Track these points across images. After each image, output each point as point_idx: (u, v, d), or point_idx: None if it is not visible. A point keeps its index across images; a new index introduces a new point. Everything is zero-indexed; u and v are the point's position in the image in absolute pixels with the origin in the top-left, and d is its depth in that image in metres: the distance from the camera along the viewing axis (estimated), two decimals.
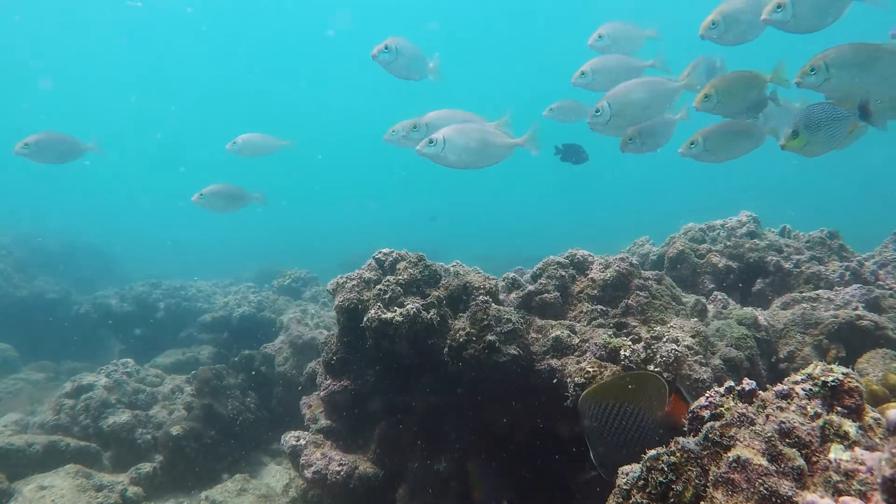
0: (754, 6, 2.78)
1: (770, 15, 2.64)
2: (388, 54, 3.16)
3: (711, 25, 2.84)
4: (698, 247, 3.56)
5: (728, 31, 2.83)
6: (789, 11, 2.63)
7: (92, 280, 9.67)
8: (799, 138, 2.43)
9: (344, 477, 2.80)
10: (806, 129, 2.42)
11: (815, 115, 2.43)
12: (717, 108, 2.84)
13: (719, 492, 1.08)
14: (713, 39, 2.86)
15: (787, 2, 2.62)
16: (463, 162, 2.93)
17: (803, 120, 2.43)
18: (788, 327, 2.72)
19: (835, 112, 2.42)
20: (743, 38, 2.87)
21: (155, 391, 4.63)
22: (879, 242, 3.78)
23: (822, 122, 2.42)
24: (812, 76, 2.54)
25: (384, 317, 2.61)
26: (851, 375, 1.23)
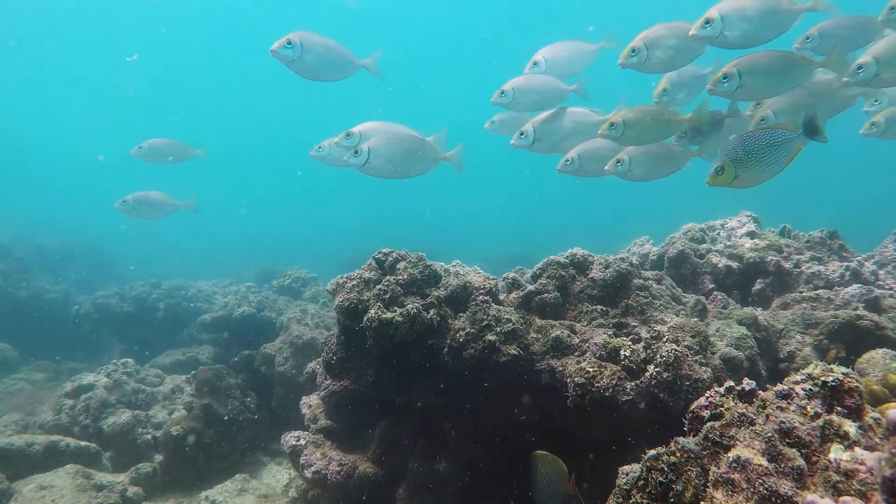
0: (680, 30, 2.70)
1: (699, 31, 2.60)
2: (291, 50, 2.84)
3: (631, 53, 2.74)
4: (698, 247, 3.55)
5: (651, 59, 2.73)
6: (718, 27, 2.58)
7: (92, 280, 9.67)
8: (725, 174, 2.35)
9: (344, 477, 2.80)
10: (733, 163, 2.34)
11: (745, 147, 2.34)
12: (622, 140, 2.81)
13: (719, 492, 1.08)
14: (634, 67, 2.75)
15: (715, 17, 2.57)
16: (388, 172, 2.96)
17: (730, 153, 2.34)
18: (788, 327, 2.72)
19: (771, 138, 2.33)
20: (672, 65, 2.77)
21: (155, 391, 4.63)
22: (879, 242, 3.78)
23: (753, 153, 2.33)
24: (724, 84, 2.55)
25: (384, 317, 2.61)
26: (851, 375, 1.23)
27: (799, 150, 2.32)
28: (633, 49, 2.71)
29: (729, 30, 2.58)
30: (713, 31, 2.58)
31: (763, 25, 2.61)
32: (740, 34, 2.60)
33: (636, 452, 2.02)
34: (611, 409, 2.17)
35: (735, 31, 2.58)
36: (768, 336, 2.65)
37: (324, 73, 2.97)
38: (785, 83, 2.64)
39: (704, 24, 2.59)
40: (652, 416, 2.15)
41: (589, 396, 2.18)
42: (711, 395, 1.33)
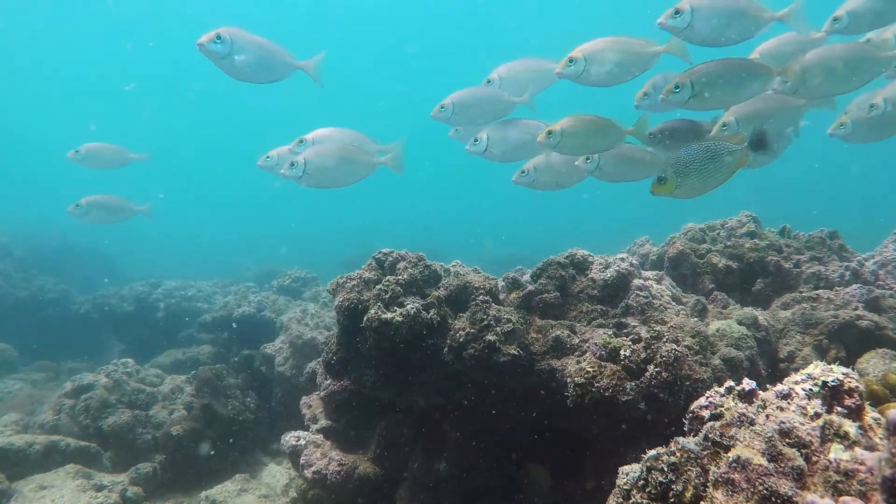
0: (623, 45, 2.68)
1: (667, 20, 2.56)
2: (220, 46, 2.64)
3: (569, 62, 2.67)
4: (698, 247, 3.55)
5: (589, 71, 2.66)
6: (686, 19, 2.54)
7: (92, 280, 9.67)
8: (668, 183, 2.36)
9: (344, 477, 2.80)
10: (675, 174, 2.35)
11: (687, 158, 2.35)
12: (559, 148, 2.79)
13: (719, 492, 1.08)
14: (570, 78, 2.69)
15: (686, 8, 2.53)
16: (326, 182, 2.97)
17: (672, 165, 2.35)
18: (788, 327, 2.72)
19: (714, 150, 2.35)
20: (611, 79, 2.70)
21: (155, 391, 4.63)
22: (879, 242, 3.78)
23: (694, 164, 2.34)
24: (677, 93, 2.51)
25: (384, 317, 2.61)
26: (851, 375, 1.23)
27: (743, 163, 2.34)
28: (570, 59, 2.67)
29: (697, 23, 2.54)
30: (681, 23, 2.55)
31: (731, 25, 2.58)
32: (708, 29, 2.57)
33: (636, 452, 2.02)
34: (611, 409, 2.17)
35: (703, 25, 2.55)
36: (768, 336, 2.65)
37: (255, 75, 2.82)
38: (740, 93, 2.62)
39: (674, 14, 2.56)
40: (652, 416, 2.15)
41: (589, 396, 2.18)
42: (711, 395, 1.33)
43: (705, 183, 2.35)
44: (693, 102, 2.55)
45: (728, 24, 2.57)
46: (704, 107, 2.64)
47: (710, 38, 2.59)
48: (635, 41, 2.67)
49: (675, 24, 2.55)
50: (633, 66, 2.68)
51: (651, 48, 2.67)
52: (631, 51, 2.65)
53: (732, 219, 4.01)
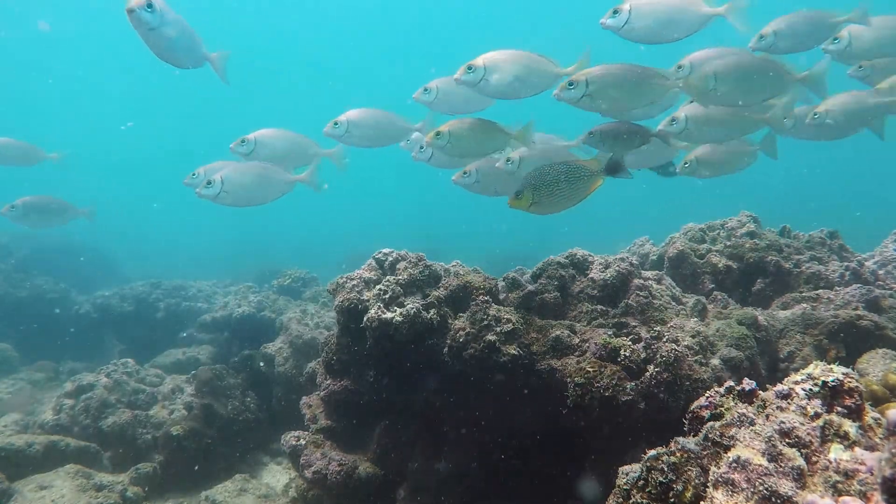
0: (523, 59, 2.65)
1: (607, 20, 2.58)
2: (151, 15, 2.43)
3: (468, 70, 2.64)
4: (698, 247, 3.56)
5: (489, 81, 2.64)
6: (625, 17, 2.56)
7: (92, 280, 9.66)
8: (524, 198, 2.41)
9: (344, 477, 2.80)
10: (532, 190, 2.40)
11: (545, 176, 2.40)
12: (447, 150, 2.82)
13: (719, 492, 1.08)
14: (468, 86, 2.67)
15: (625, 7, 2.54)
16: (243, 201, 2.96)
17: (530, 181, 2.41)
18: (788, 327, 2.72)
19: (571, 171, 2.41)
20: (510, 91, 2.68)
21: (155, 391, 4.63)
22: (879, 242, 3.78)
23: (551, 182, 2.40)
24: (571, 90, 2.52)
25: (384, 317, 2.61)
26: (851, 375, 1.23)
27: (598, 186, 2.42)
28: (470, 66, 2.66)
29: (636, 21, 2.56)
30: (619, 22, 2.57)
31: (670, 23, 2.60)
32: (645, 28, 2.58)
33: (636, 452, 2.02)
34: (611, 409, 2.17)
35: (641, 23, 2.57)
36: (768, 336, 2.65)
37: (177, 54, 2.66)
38: (635, 99, 2.63)
39: (613, 14, 2.58)
40: (652, 416, 2.15)
41: (589, 396, 2.18)
42: (711, 395, 1.33)
43: (559, 202, 2.42)
44: (585, 101, 2.56)
45: (667, 24, 2.59)
46: (598, 108, 2.65)
47: (649, 37, 2.62)
48: (541, 59, 2.68)
49: (614, 23, 2.58)
50: (534, 83, 2.67)
51: (555, 69, 2.68)
52: (533, 67, 2.65)
53: (732, 219, 4.01)
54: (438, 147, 2.81)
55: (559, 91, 2.56)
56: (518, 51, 2.67)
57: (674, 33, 2.61)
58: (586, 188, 2.40)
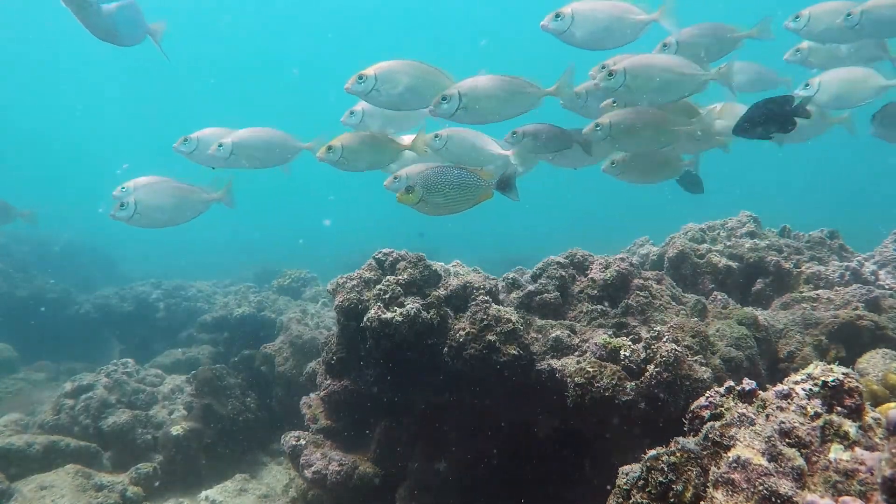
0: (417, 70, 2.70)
1: (549, 23, 2.62)
2: None
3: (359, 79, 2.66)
4: (698, 247, 3.56)
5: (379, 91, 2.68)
6: (567, 22, 2.62)
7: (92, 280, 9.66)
8: (413, 194, 2.47)
9: (344, 477, 2.80)
10: (423, 189, 2.46)
11: (438, 178, 2.47)
12: (340, 164, 2.87)
13: (719, 492, 1.08)
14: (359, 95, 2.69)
15: (567, 12, 2.60)
16: (158, 222, 2.99)
17: (423, 179, 2.47)
18: (788, 327, 2.72)
19: (463, 178, 2.46)
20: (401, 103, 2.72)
21: (155, 391, 4.63)
22: (879, 242, 3.78)
23: (443, 185, 2.46)
24: (444, 105, 2.57)
25: (384, 317, 2.61)
26: (851, 375, 1.23)
27: (486, 198, 2.50)
28: (360, 76, 2.69)
29: (577, 27, 2.63)
30: (561, 26, 2.63)
31: (610, 30, 2.68)
32: (586, 34, 2.66)
33: (636, 452, 2.02)
34: (611, 409, 2.17)
35: (582, 29, 2.64)
36: (768, 336, 2.65)
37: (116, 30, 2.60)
38: (509, 109, 2.68)
39: (555, 18, 2.63)
40: (652, 416, 2.15)
41: (589, 396, 2.18)
42: (711, 394, 1.33)
43: (448, 207, 2.50)
44: (461, 114, 2.61)
45: (608, 28, 2.66)
46: (473, 120, 2.70)
47: (589, 43, 2.69)
48: (432, 69, 2.72)
49: (557, 27, 2.64)
50: (425, 93, 2.70)
51: (447, 80, 2.72)
52: (425, 77, 2.68)
53: (732, 219, 4.01)
54: (331, 161, 2.86)
55: (433, 107, 2.59)
56: (411, 61, 2.71)
57: (611, 41, 2.71)
58: (474, 198, 2.48)
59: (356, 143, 2.90)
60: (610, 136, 2.89)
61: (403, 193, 2.49)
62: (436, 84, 2.69)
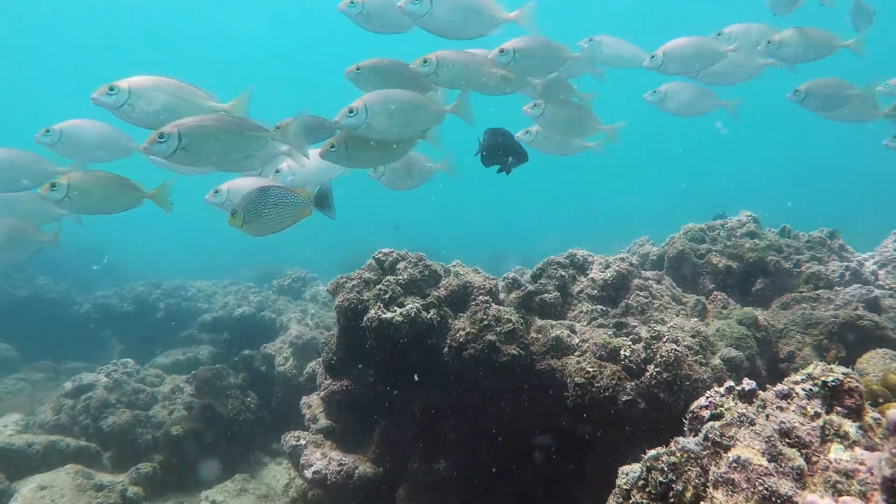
0: (176, 90, 2.66)
1: (406, 5, 2.61)
2: None
3: (109, 91, 2.58)
4: (698, 247, 3.56)
5: (134, 106, 2.60)
6: (426, 7, 2.62)
7: (92, 280, 9.66)
8: (237, 217, 2.52)
9: (344, 477, 2.80)
10: (245, 211, 2.51)
11: (257, 200, 2.51)
12: (63, 204, 2.84)
13: (719, 492, 1.09)
14: (109, 108, 2.60)
15: None
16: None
17: (244, 202, 2.52)
18: (788, 327, 2.72)
19: (282, 198, 2.52)
20: (155, 121, 2.61)
21: (155, 391, 4.63)
22: (879, 242, 3.78)
23: (262, 206, 2.51)
24: (161, 143, 2.46)
25: (384, 317, 2.61)
26: (851, 375, 1.23)
27: (305, 215, 2.56)
28: (111, 87, 2.62)
29: (436, 11, 2.63)
30: (421, 9, 2.62)
31: (468, 19, 2.69)
32: (445, 20, 2.66)
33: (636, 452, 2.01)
34: (611, 409, 2.17)
35: (441, 14, 2.65)
36: (768, 336, 2.65)
37: None
38: (231, 152, 2.65)
39: (414, 1, 2.62)
40: (652, 416, 2.15)
41: (589, 396, 2.18)
42: (711, 394, 1.33)
43: (270, 226, 2.57)
44: (180, 155, 2.50)
45: (465, 18, 2.68)
46: (194, 161, 2.61)
47: (446, 30, 2.70)
48: (191, 89, 2.69)
49: (415, 10, 2.63)
50: (183, 110, 2.63)
51: (208, 102, 2.70)
52: (182, 97, 2.64)
53: (732, 219, 4.01)
54: (54, 200, 2.84)
55: (149, 144, 2.48)
56: (169, 79, 2.66)
57: (469, 30, 2.73)
58: (292, 216, 2.55)
59: (92, 183, 2.84)
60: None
61: (231, 217, 2.55)
62: (194, 106, 2.63)
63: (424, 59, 2.74)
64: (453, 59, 2.77)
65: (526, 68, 2.93)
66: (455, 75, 2.78)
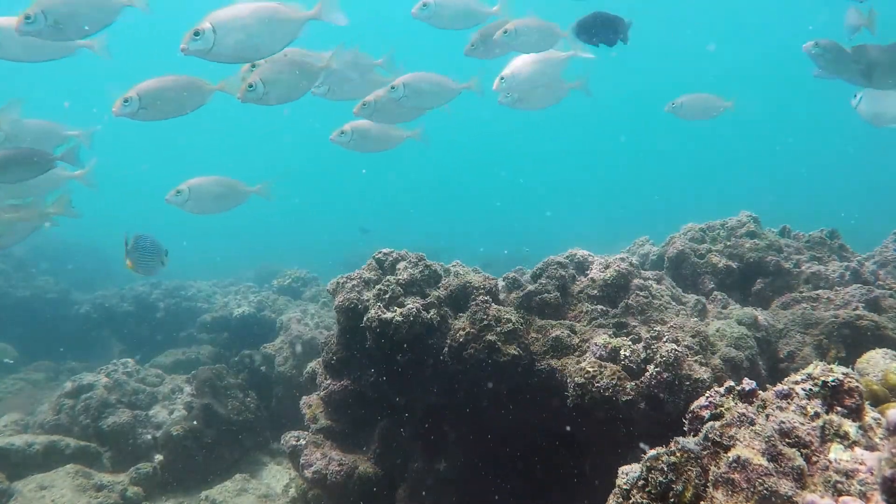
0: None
1: (188, 44, 2.50)
2: None
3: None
4: (698, 247, 3.55)
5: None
6: (210, 39, 2.54)
7: (92, 280, 9.65)
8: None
9: (344, 477, 2.80)
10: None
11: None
12: None
13: (719, 492, 1.09)
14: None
15: (207, 28, 2.50)
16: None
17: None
18: (788, 327, 2.72)
19: None
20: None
21: (155, 391, 4.63)
22: (879, 242, 3.78)
23: None
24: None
25: (384, 317, 2.61)
26: (851, 375, 1.23)
27: None
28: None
29: (221, 42, 2.48)
30: (204, 45, 2.47)
31: (262, 36, 2.55)
32: (234, 46, 2.51)
33: (636, 452, 2.01)
34: (611, 409, 2.17)
35: (229, 42, 2.49)
36: (768, 336, 2.65)
37: None
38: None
39: (194, 37, 2.47)
40: (652, 416, 2.15)
41: (589, 396, 2.18)
42: (711, 394, 1.33)
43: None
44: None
45: (260, 36, 2.57)
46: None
47: (240, 55, 2.64)
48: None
49: (198, 48, 2.51)
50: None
51: None
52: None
53: (732, 219, 4.01)
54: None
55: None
56: None
57: (268, 47, 2.65)
58: None
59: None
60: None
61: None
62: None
63: None
64: None
65: None
66: None
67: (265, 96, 2.79)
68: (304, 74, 2.88)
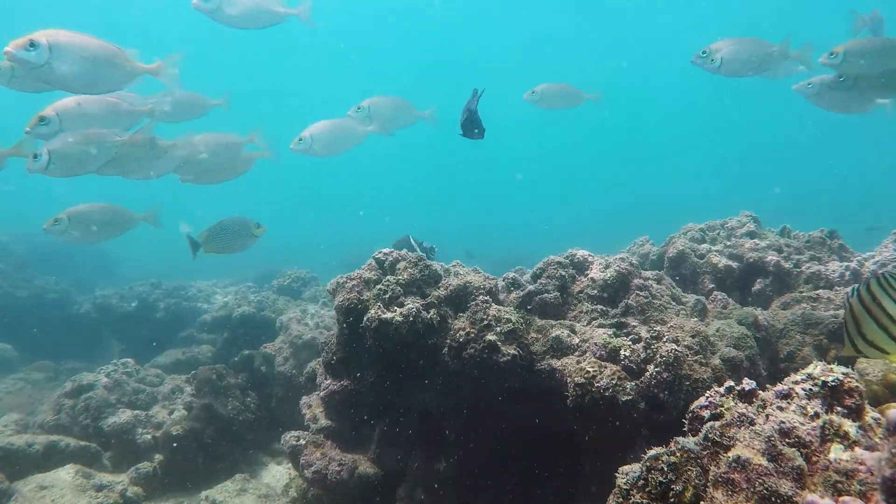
0: None
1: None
2: None
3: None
4: (698, 247, 3.56)
5: None
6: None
7: (92, 280, 9.66)
8: None
9: (344, 477, 2.79)
10: None
11: None
12: None
13: (719, 492, 1.08)
14: None
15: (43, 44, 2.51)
16: None
17: None
18: (788, 327, 2.72)
19: None
20: None
21: (155, 391, 4.63)
22: (879, 242, 3.78)
23: None
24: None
25: (384, 317, 2.61)
26: (851, 375, 1.23)
27: None
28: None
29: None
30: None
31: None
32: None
33: (636, 452, 2.01)
34: (611, 409, 2.17)
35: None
36: (768, 336, 2.65)
37: None
38: None
39: None
40: (652, 416, 2.15)
41: (589, 396, 2.18)
42: (711, 394, 1.33)
43: None
44: None
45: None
46: None
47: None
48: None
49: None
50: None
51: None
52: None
53: (732, 219, 4.01)
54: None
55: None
56: None
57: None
58: None
59: None
60: None
61: None
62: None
63: None
64: None
65: None
66: None
67: (51, 167, 2.81)
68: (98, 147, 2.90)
